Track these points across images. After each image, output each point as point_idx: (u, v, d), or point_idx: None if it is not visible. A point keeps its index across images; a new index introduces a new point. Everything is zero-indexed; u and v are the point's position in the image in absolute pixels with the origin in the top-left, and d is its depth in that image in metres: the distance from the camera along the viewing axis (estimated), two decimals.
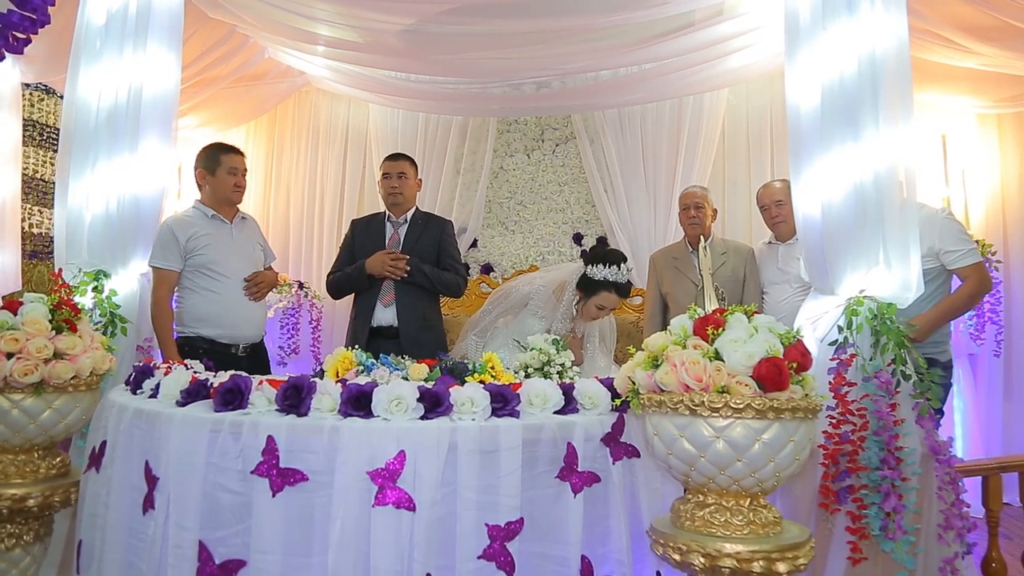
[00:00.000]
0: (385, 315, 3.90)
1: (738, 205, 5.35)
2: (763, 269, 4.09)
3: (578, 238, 5.54)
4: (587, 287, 3.67)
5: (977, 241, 4.64)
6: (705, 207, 4.15)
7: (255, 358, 3.77)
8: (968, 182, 4.93)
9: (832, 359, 2.42)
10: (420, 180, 4.22)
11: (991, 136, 4.98)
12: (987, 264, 4.62)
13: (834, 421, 2.33)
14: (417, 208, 4.15)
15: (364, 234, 4.11)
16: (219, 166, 3.68)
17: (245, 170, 3.81)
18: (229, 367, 2.84)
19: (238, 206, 3.82)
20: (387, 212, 4.11)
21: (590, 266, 3.65)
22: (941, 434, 2.52)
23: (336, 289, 4.10)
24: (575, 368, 2.77)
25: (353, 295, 4.07)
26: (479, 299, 5.12)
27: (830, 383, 2.36)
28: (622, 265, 3.63)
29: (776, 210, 3.89)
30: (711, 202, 4.23)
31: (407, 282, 3.89)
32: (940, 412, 3.21)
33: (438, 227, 4.11)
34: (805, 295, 2.81)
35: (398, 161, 4.08)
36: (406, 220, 4.06)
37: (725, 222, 5.25)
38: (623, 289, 3.65)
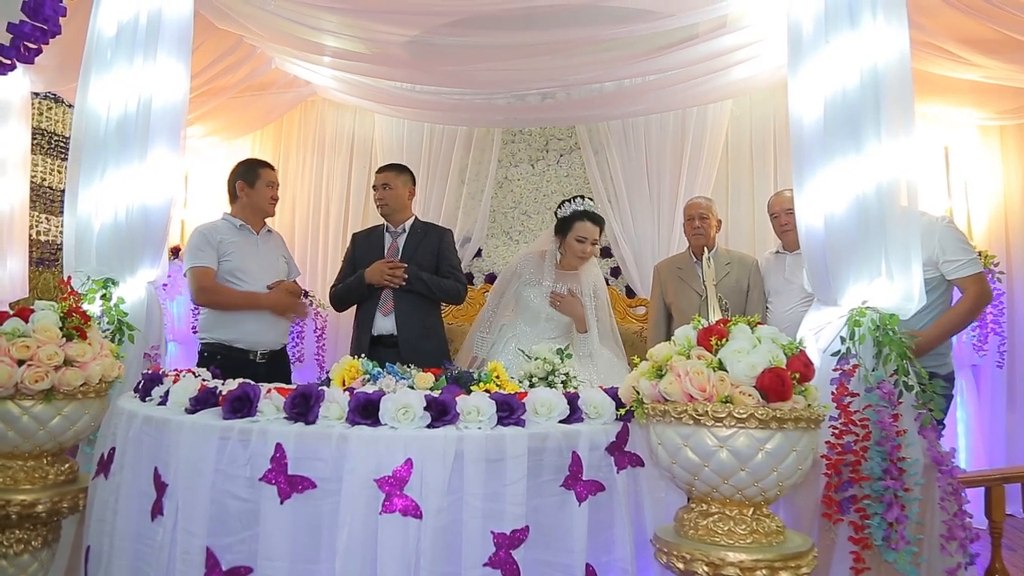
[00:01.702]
0: (385, 324, 3.93)
1: (742, 215, 5.37)
2: (768, 278, 4.11)
3: None
4: (562, 228, 3.95)
5: (979, 252, 4.67)
6: (709, 218, 4.18)
7: (274, 365, 3.86)
8: (971, 193, 4.95)
9: (835, 370, 2.43)
10: (412, 189, 4.20)
11: (993, 148, 5.00)
12: (989, 275, 4.65)
13: (837, 431, 2.34)
14: (416, 218, 4.19)
15: (364, 246, 4.16)
16: (259, 179, 3.91)
17: (278, 184, 4.04)
18: (246, 373, 2.91)
19: (265, 220, 4.01)
20: (385, 223, 4.16)
21: (559, 210, 3.97)
22: (943, 445, 2.53)
23: (339, 301, 4.15)
24: (576, 378, 2.78)
25: (355, 306, 4.10)
26: None
27: (833, 393, 2.37)
28: (586, 199, 4.00)
29: (786, 218, 3.91)
30: (715, 212, 4.25)
31: (406, 290, 3.92)
32: (941, 424, 3.22)
33: (437, 236, 4.14)
34: (809, 305, 2.83)
35: (383, 172, 4.15)
36: (404, 230, 4.10)
37: (729, 232, 5.27)
38: (594, 216, 3.92)
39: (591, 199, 4.17)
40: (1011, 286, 4.89)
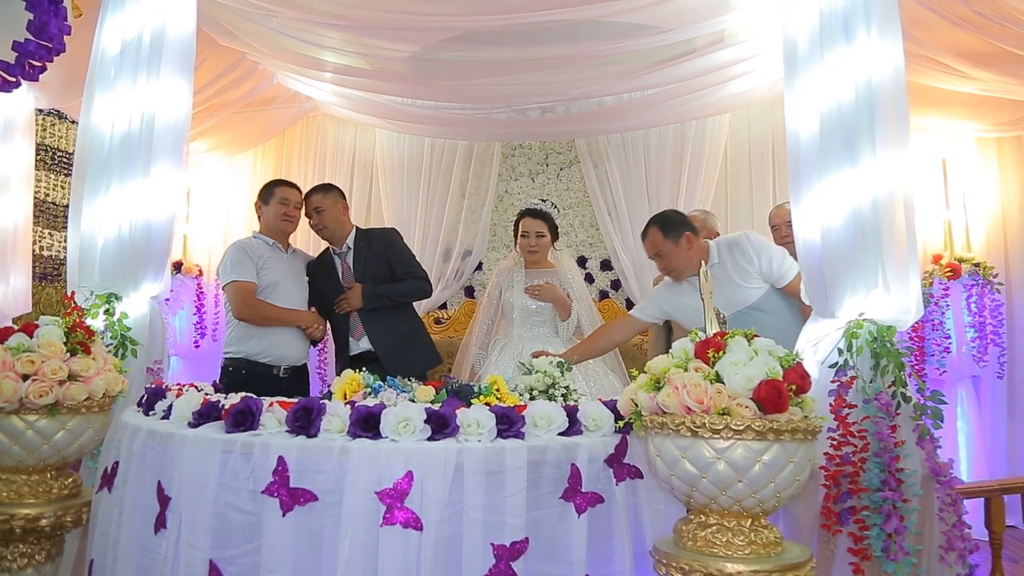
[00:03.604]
0: (360, 345, 3.97)
1: (741, 227, 5.36)
2: None
3: (582, 261, 5.58)
4: (515, 232, 4.32)
5: (978, 264, 4.70)
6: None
7: (295, 380, 3.91)
8: (969, 205, 4.95)
9: (833, 381, 2.44)
10: (344, 203, 4.14)
11: (991, 159, 5.01)
12: (989, 286, 4.68)
13: (835, 443, 2.35)
14: (357, 229, 4.12)
15: (319, 274, 4.11)
16: (272, 197, 3.97)
17: (298, 203, 4.02)
18: (269, 387, 3.00)
19: (289, 239, 4.07)
20: (330, 246, 4.13)
21: None
22: (943, 455, 2.54)
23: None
24: (576, 391, 2.81)
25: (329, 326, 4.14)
26: None
27: (831, 405, 2.38)
28: (534, 200, 4.46)
29: (787, 230, 3.94)
30: (712, 226, 4.27)
31: (370, 310, 3.93)
32: None
33: (381, 242, 4.09)
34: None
35: (310, 197, 4.05)
36: (349, 247, 4.06)
37: None
38: (533, 211, 4.23)
39: (543, 199, 4.50)
40: (1010, 297, 4.89)
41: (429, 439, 2.04)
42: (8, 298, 4.26)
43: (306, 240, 5.79)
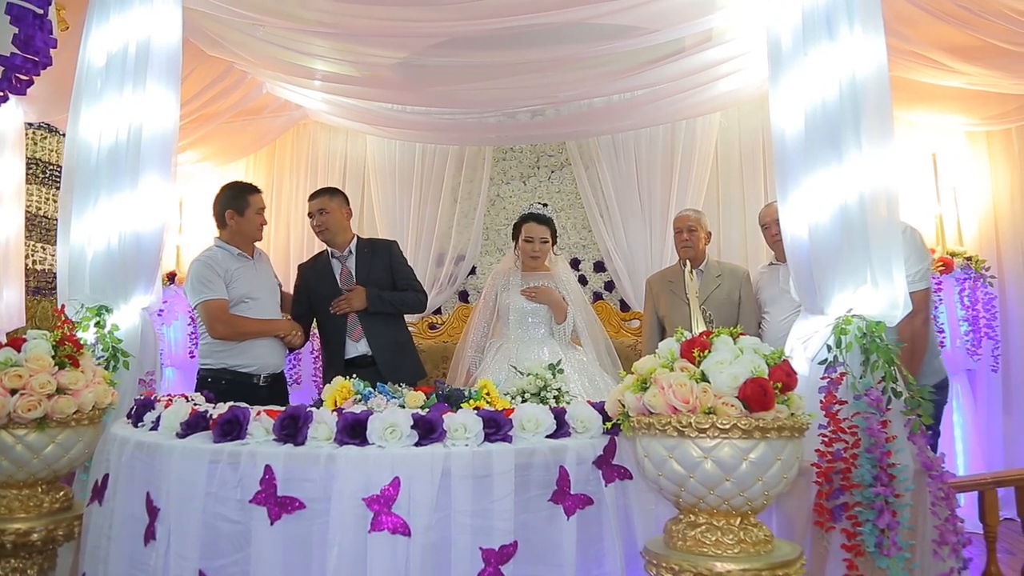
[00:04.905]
0: (358, 347, 3.96)
1: (733, 227, 5.40)
2: (764, 290, 4.13)
3: (575, 263, 5.58)
4: (515, 235, 4.26)
5: (970, 257, 4.71)
6: (698, 230, 4.20)
7: (274, 388, 3.88)
8: (960, 199, 4.97)
9: (823, 378, 2.44)
10: (348, 210, 4.17)
11: (981, 153, 5.03)
12: (981, 280, 4.69)
13: (826, 439, 2.35)
14: (358, 237, 4.16)
15: (313, 276, 4.11)
16: (248, 207, 3.88)
17: (265, 206, 4.00)
18: (249, 396, 2.97)
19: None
20: (329, 249, 4.13)
21: None
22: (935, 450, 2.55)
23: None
24: (568, 392, 2.81)
25: (318, 330, 4.13)
26: None
27: (821, 402, 2.38)
28: (535, 204, 4.35)
29: (776, 228, 3.94)
30: (704, 225, 4.28)
31: (371, 312, 3.93)
32: (934, 431, 3.22)
33: (385, 251, 4.14)
34: None
35: (317, 198, 4.07)
36: (351, 252, 4.07)
37: (720, 244, 5.29)
38: (538, 216, 4.19)
39: (544, 203, 4.46)
40: (1003, 290, 4.90)
41: (416, 444, 2.03)
42: (1, 313, 4.26)
43: (300, 245, 5.84)
